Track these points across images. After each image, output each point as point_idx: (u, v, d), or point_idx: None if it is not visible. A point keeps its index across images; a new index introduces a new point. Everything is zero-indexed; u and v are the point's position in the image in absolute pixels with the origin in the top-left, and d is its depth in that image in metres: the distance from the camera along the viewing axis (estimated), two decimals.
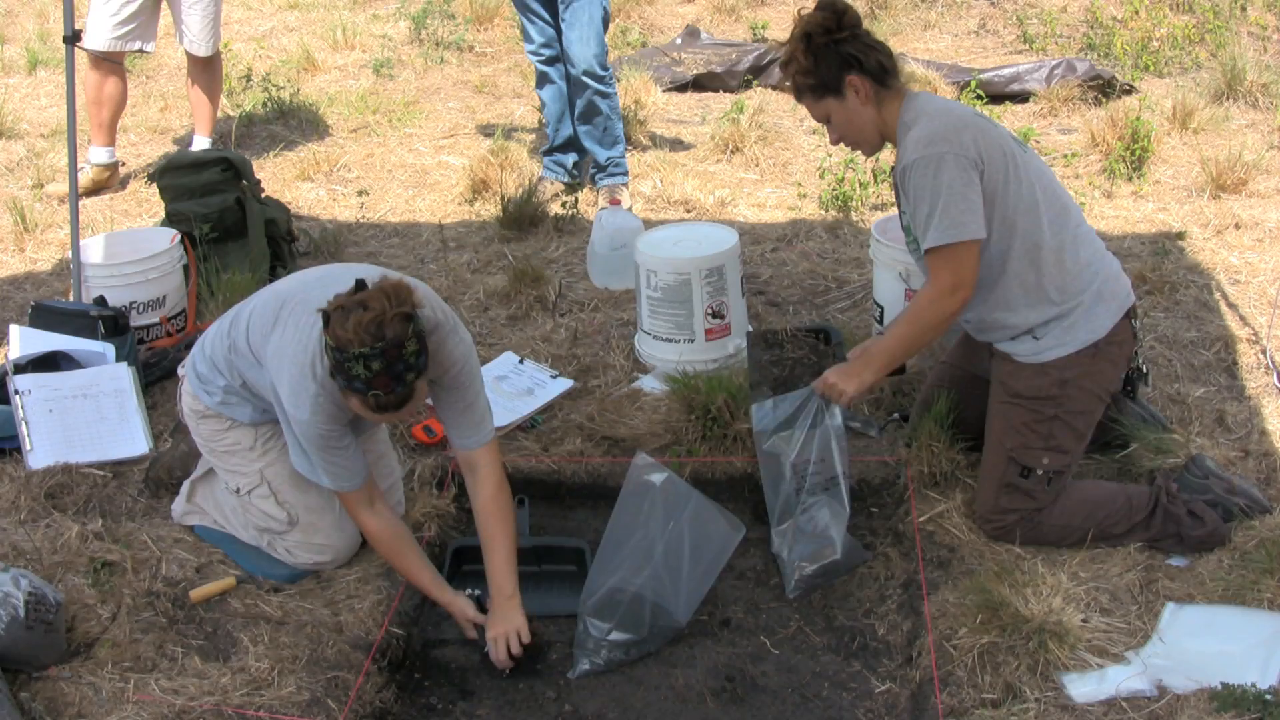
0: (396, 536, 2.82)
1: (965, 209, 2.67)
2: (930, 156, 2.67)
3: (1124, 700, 2.39)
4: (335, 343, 2.41)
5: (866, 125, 2.83)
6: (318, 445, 2.66)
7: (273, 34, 7.76)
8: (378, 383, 2.42)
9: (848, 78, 2.76)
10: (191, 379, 2.94)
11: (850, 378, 2.89)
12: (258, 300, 2.83)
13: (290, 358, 2.61)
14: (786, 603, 2.98)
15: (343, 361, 2.42)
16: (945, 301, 2.76)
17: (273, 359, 2.66)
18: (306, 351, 2.59)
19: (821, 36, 2.76)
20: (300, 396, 2.60)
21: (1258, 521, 2.82)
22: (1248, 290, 4.08)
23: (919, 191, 2.71)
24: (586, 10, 4.72)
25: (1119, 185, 5.03)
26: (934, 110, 2.77)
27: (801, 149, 5.66)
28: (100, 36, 5.08)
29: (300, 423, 2.63)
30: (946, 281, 2.74)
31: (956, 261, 2.72)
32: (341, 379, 2.46)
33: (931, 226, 2.69)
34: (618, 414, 3.52)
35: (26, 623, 2.47)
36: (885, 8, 7.57)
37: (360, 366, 2.40)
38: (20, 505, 3.13)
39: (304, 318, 2.63)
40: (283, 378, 2.63)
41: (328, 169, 5.63)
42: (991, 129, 2.77)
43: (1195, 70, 6.41)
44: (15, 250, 4.86)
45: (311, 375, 2.59)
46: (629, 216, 4.46)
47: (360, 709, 2.58)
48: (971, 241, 2.70)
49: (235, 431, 2.91)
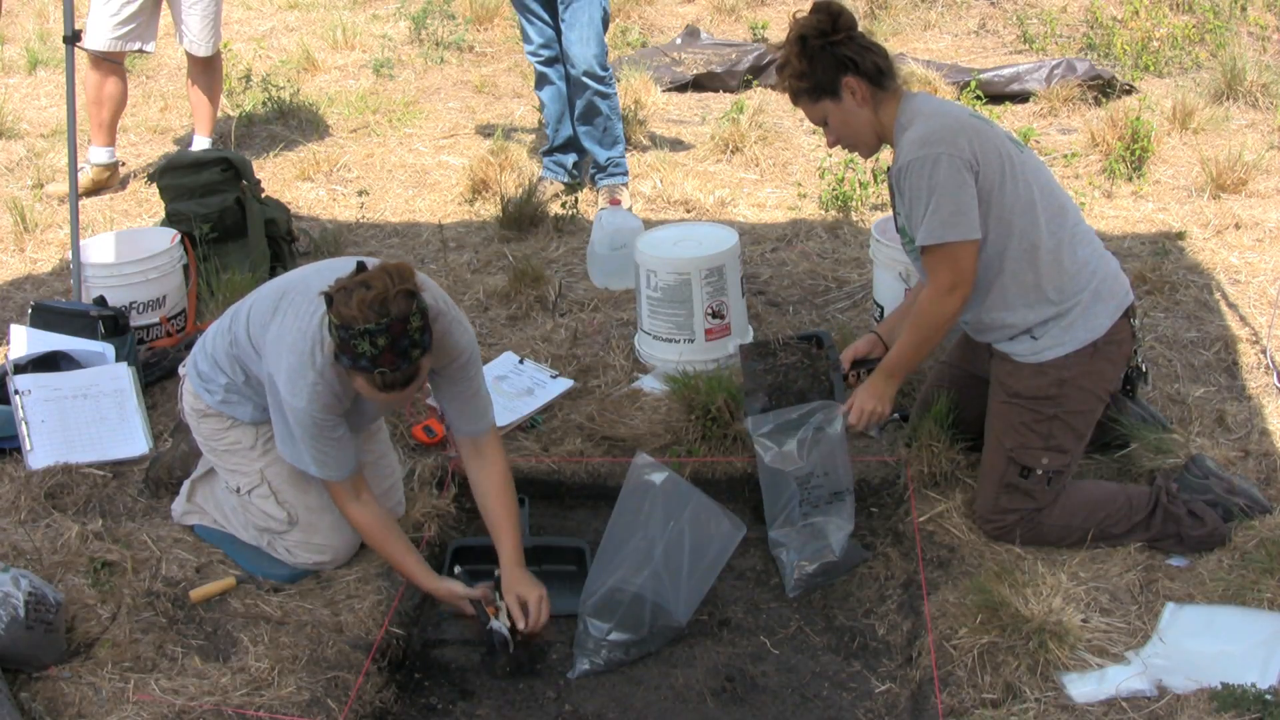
0: (383, 526, 2.83)
1: (959, 209, 2.67)
2: (925, 157, 2.68)
3: (1124, 700, 2.39)
4: (340, 320, 2.43)
5: (863, 127, 2.83)
6: (311, 433, 2.66)
7: (273, 34, 7.76)
8: (384, 359, 2.44)
9: (844, 80, 2.76)
10: (193, 377, 2.94)
11: (882, 399, 2.94)
12: (259, 294, 2.83)
13: (289, 345, 2.61)
14: (786, 603, 2.98)
15: (348, 339, 2.43)
16: (945, 300, 2.77)
17: (271, 346, 2.66)
18: (306, 338, 2.60)
19: (816, 39, 2.76)
20: (298, 384, 2.60)
21: (1258, 521, 2.82)
22: (1248, 290, 4.08)
23: (914, 191, 2.71)
24: (586, 10, 4.72)
25: (1119, 185, 5.03)
26: (930, 111, 2.77)
27: (801, 149, 5.66)
28: (100, 36, 5.08)
29: (296, 410, 2.63)
30: (945, 280, 2.75)
31: (953, 260, 2.72)
32: (347, 358, 2.48)
33: (925, 225, 2.70)
34: (618, 414, 3.52)
35: (26, 623, 2.47)
36: (885, 8, 7.57)
37: (366, 343, 2.42)
38: (20, 505, 3.13)
39: (303, 305, 2.64)
40: (280, 365, 2.62)
41: (328, 169, 5.63)
42: (987, 129, 2.77)
43: (1195, 70, 6.41)
44: (15, 250, 4.86)
45: (310, 363, 2.59)
46: (629, 216, 4.46)
47: (360, 709, 2.58)
48: (967, 241, 2.70)
49: (236, 430, 2.92)
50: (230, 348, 2.82)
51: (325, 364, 2.58)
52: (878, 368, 3.02)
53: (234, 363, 2.83)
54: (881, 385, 2.96)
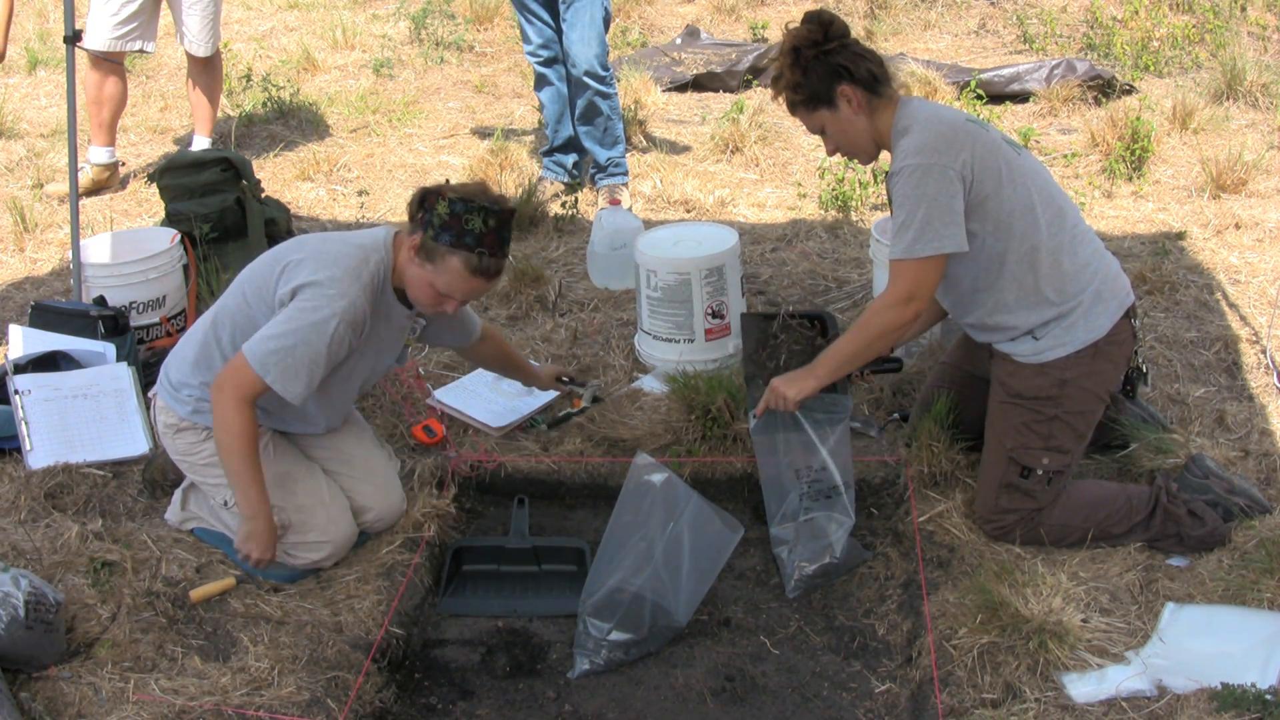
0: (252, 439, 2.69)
1: (945, 223, 2.67)
2: (916, 166, 2.67)
3: (1124, 700, 2.39)
4: (459, 194, 2.59)
5: (861, 135, 2.82)
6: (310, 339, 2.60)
7: (273, 34, 7.76)
8: (488, 240, 2.60)
9: (839, 88, 2.76)
10: (163, 391, 2.93)
11: (793, 384, 2.90)
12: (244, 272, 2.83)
13: (331, 259, 2.67)
14: (786, 603, 2.98)
15: (463, 213, 2.58)
16: (896, 310, 2.76)
17: (303, 263, 2.67)
18: (351, 256, 2.68)
19: (809, 49, 2.76)
20: (338, 289, 2.61)
21: (1258, 521, 2.82)
22: (1248, 290, 4.08)
23: (901, 199, 2.71)
24: (587, 10, 4.72)
25: (1119, 185, 5.03)
26: (925, 118, 2.76)
27: (801, 149, 5.66)
28: (101, 36, 5.08)
29: (323, 314, 2.59)
30: (902, 291, 2.75)
31: (918, 273, 2.72)
32: (450, 235, 2.59)
33: (903, 236, 2.70)
34: (618, 414, 3.52)
35: (26, 623, 2.47)
36: (885, 8, 7.58)
37: (479, 220, 2.58)
38: (20, 505, 3.13)
39: (339, 239, 2.76)
40: (322, 273, 2.63)
41: (328, 169, 5.63)
42: (983, 134, 2.76)
43: (1195, 70, 6.41)
44: (15, 250, 4.86)
45: (355, 276, 2.65)
46: (629, 216, 4.46)
47: (360, 709, 2.58)
48: (935, 256, 2.70)
49: (212, 442, 2.89)
50: (211, 329, 2.80)
51: (367, 281, 2.66)
52: (814, 360, 2.94)
53: (212, 348, 2.78)
54: (801, 374, 2.90)
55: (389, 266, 2.74)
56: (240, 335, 2.73)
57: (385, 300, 2.77)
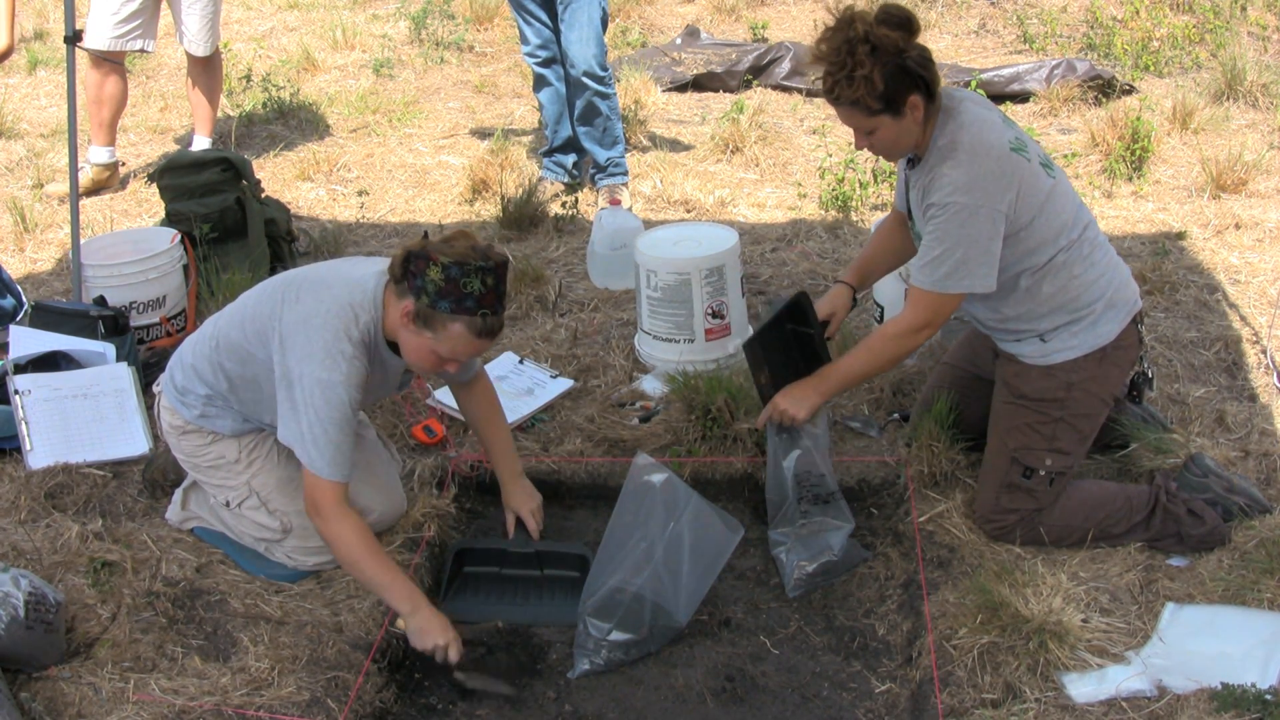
0: (371, 539, 2.68)
1: (979, 264, 2.66)
2: (964, 206, 2.63)
3: (1124, 700, 2.39)
4: (452, 258, 2.48)
5: (909, 141, 2.74)
6: (334, 418, 2.56)
7: (273, 34, 7.76)
8: (488, 300, 2.51)
9: (910, 98, 2.64)
10: (169, 393, 2.92)
11: (800, 403, 2.90)
12: (250, 295, 2.82)
13: (320, 322, 2.58)
14: (786, 603, 2.98)
15: (459, 277, 2.47)
16: (909, 339, 2.78)
17: (298, 329, 2.60)
18: (339, 316, 2.59)
19: (892, 54, 2.58)
20: (334, 357, 2.56)
21: (1258, 521, 2.83)
22: (1248, 290, 4.08)
23: (942, 233, 2.67)
24: (585, 11, 4.72)
25: (1119, 185, 5.03)
26: (971, 144, 2.65)
27: (801, 149, 5.66)
28: (101, 36, 5.08)
29: (329, 386, 2.55)
30: (921, 320, 2.76)
31: (939, 306, 2.74)
32: (449, 301, 2.49)
33: (935, 270, 2.70)
34: (618, 414, 3.52)
35: (26, 623, 2.47)
36: None
37: (477, 281, 2.48)
38: (20, 505, 3.13)
39: (325, 291, 2.64)
40: (314, 342, 2.57)
41: (328, 169, 5.63)
42: (1026, 166, 2.68)
43: (1195, 70, 6.41)
44: (15, 250, 4.86)
45: (347, 336, 2.58)
46: (629, 216, 4.46)
47: (360, 709, 2.58)
48: (959, 295, 2.71)
49: (218, 445, 2.90)
50: (214, 353, 2.79)
51: (360, 340, 2.59)
52: (818, 371, 2.92)
53: (216, 369, 2.80)
54: (806, 390, 2.91)
55: (379, 323, 2.66)
56: (246, 373, 2.75)
57: (380, 356, 2.71)
